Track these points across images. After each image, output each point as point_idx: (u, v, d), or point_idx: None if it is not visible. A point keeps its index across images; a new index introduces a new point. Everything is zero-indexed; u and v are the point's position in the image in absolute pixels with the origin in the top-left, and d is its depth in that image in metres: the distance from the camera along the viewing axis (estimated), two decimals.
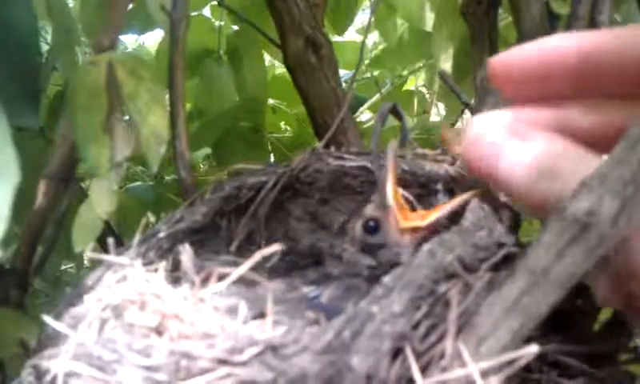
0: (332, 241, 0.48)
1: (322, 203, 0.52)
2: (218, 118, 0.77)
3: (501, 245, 0.38)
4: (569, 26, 0.46)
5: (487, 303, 0.31)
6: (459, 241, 0.36)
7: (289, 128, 1.00)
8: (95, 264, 0.38)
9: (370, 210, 0.44)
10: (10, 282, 0.47)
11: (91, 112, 0.40)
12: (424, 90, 1.13)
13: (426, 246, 0.35)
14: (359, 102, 0.93)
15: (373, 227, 0.43)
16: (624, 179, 0.27)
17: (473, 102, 0.56)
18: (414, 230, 0.42)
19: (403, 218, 0.42)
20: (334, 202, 0.52)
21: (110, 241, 0.38)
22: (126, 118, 0.41)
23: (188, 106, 0.98)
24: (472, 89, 0.57)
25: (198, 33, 0.82)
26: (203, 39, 0.81)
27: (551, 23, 0.49)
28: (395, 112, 0.52)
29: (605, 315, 0.41)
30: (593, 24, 0.46)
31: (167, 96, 0.48)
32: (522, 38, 0.49)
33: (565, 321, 0.38)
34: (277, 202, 0.50)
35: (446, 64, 0.64)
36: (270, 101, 0.94)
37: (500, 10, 0.59)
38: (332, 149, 0.50)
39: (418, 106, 1.11)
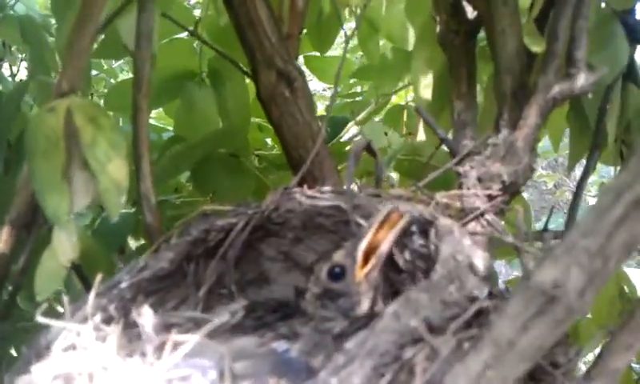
0: (306, 281, 0.47)
1: (295, 242, 0.50)
2: (198, 143, 0.75)
3: (472, 299, 0.37)
4: (545, 63, 0.45)
5: (452, 374, 0.29)
6: (426, 299, 0.34)
7: (275, 146, 0.99)
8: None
9: (338, 256, 0.43)
10: None
11: (49, 160, 0.38)
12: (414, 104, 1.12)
13: (391, 307, 0.33)
14: (341, 124, 0.91)
15: (337, 274, 0.42)
16: (591, 251, 0.26)
17: (450, 134, 0.54)
18: (367, 275, 0.41)
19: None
20: (307, 241, 0.50)
21: (65, 299, 0.37)
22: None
23: (170, 128, 0.97)
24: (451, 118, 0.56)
25: (179, 54, 0.81)
26: (183, 61, 0.80)
27: (528, 59, 0.48)
28: (369, 149, 0.50)
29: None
30: (570, 61, 0.45)
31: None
32: (499, 72, 0.48)
33: (540, 375, 0.37)
34: (248, 243, 0.48)
35: (426, 91, 0.62)
36: (257, 119, 0.93)
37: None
38: (305, 188, 0.49)
39: (408, 119, 1.10)
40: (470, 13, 0.56)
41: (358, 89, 1.15)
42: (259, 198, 0.77)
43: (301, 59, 1.04)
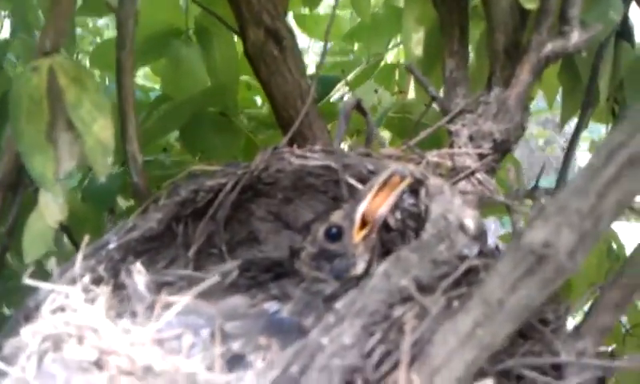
0: (296, 241, 0.47)
1: (285, 202, 0.50)
2: (186, 102, 0.74)
3: (462, 258, 0.37)
4: (538, 21, 0.44)
5: (441, 333, 0.29)
6: (416, 259, 0.34)
7: (265, 104, 0.97)
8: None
9: (336, 217, 0.43)
10: None
11: (33, 120, 0.38)
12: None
13: (381, 267, 0.33)
14: (331, 83, 0.90)
15: (334, 234, 0.42)
16: (582, 212, 0.26)
17: (442, 92, 0.54)
18: (365, 238, 0.41)
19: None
20: (297, 201, 0.50)
21: (53, 261, 0.36)
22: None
23: (156, 87, 0.95)
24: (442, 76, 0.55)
25: (164, 11, 0.79)
26: (169, 18, 0.78)
27: (521, 17, 0.47)
28: (359, 108, 0.50)
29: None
30: (563, 19, 0.44)
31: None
32: (492, 30, 0.47)
33: (529, 332, 0.38)
34: (237, 203, 0.48)
35: (417, 48, 0.61)
36: (246, 77, 0.91)
37: None
38: (294, 147, 0.48)
39: (400, 79, 1.09)
40: None
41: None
42: (249, 157, 0.77)
43: (290, 16, 1.03)
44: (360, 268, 0.41)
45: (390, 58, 1.08)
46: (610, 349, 0.40)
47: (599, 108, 0.69)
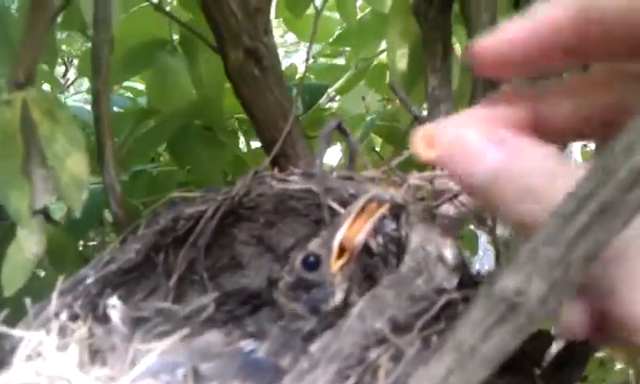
0: (279, 268, 0.46)
1: (267, 226, 0.50)
2: (172, 116, 0.74)
3: (440, 291, 0.37)
4: None
5: (415, 378, 0.29)
6: (392, 296, 0.34)
7: None
8: None
9: (313, 245, 0.43)
10: None
11: (7, 155, 0.37)
12: None
13: (356, 308, 0.33)
14: (318, 91, 0.89)
15: (312, 264, 0.42)
16: (552, 260, 0.26)
17: (425, 109, 0.53)
18: (343, 267, 0.41)
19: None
20: (279, 224, 0.50)
21: (28, 301, 0.36)
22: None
23: (142, 100, 0.95)
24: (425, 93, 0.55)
25: (149, 22, 0.78)
26: (153, 29, 0.78)
27: None
28: (340, 129, 0.49)
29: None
30: None
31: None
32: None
33: (508, 363, 0.38)
34: (219, 229, 0.47)
35: (401, 63, 0.61)
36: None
37: None
38: (275, 170, 0.48)
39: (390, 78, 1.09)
40: None
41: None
42: (237, 170, 0.77)
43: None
44: (338, 298, 0.41)
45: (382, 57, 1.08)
46: None
47: None
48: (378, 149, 1.01)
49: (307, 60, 0.62)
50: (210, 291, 0.46)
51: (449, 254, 0.39)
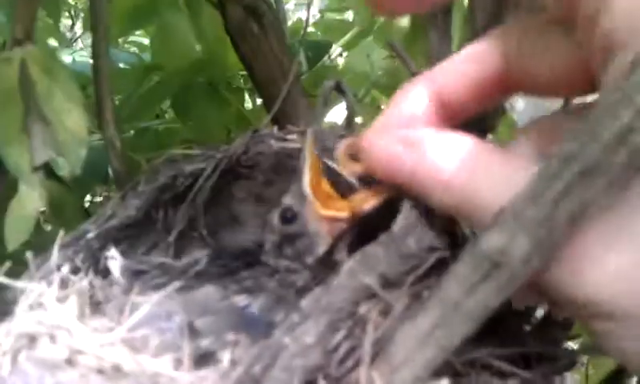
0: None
1: (266, 185, 0.50)
2: (176, 73, 0.74)
3: (431, 249, 0.37)
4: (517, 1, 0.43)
5: (402, 332, 0.30)
6: (383, 254, 0.35)
7: None
8: None
9: (287, 199, 0.43)
10: None
11: (6, 112, 0.38)
12: None
13: (347, 264, 0.34)
14: (322, 48, 0.89)
15: (289, 218, 0.42)
16: (537, 219, 0.26)
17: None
18: (334, 219, 0.41)
19: (327, 205, 0.41)
20: (278, 183, 0.50)
21: (29, 255, 0.37)
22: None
23: (147, 55, 0.95)
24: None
25: None
26: None
27: None
28: (339, 89, 0.49)
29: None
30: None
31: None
32: (472, 8, 0.47)
33: (497, 322, 0.38)
34: (218, 186, 0.48)
35: (403, 21, 0.60)
36: None
37: None
38: (274, 129, 0.48)
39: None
40: None
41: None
42: (240, 126, 0.77)
43: None
44: (321, 249, 0.41)
45: None
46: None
47: None
48: (383, 106, 1.01)
49: (307, 18, 0.62)
50: (209, 247, 0.47)
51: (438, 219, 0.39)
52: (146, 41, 1.04)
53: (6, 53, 0.38)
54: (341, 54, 1.15)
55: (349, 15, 1.17)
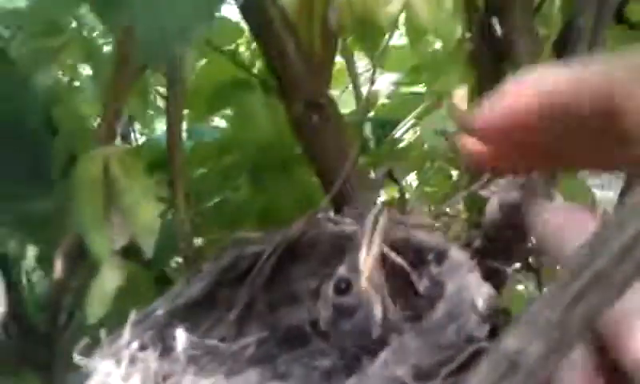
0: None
1: (322, 264, 0.53)
2: (251, 153, 0.80)
3: (470, 340, 0.38)
4: None
5: None
6: (419, 344, 0.36)
7: None
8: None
9: (341, 270, 0.46)
10: (37, 344, 0.52)
11: (91, 204, 0.43)
12: None
13: (382, 354, 0.36)
14: (389, 124, 0.92)
15: (343, 288, 0.44)
16: (551, 322, 0.28)
17: None
18: (369, 279, 0.43)
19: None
20: (333, 263, 0.53)
21: (102, 332, 0.42)
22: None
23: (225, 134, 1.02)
24: None
25: (230, 64, 0.84)
26: (234, 70, 0.84)
27: None
28: (390, 176, 0.52)
29: None
30: None
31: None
32: None
33: None
34: (278, 266, 0.52)
35: (462, 104, 0.63)
36: None
37: None
38: (331, 213, 0.52)
39: None
40: (500, 32, 0.56)
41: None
42: (304, 206, 0.81)
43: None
44: (378, 312, 0.43)
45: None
46: None
47: None
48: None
49: (367, 98, 0.65)
50: (268, 325, 0.50)
51: (482, 301, 0.41)
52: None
53: (92, 152, 0.44)
54: (415, 126, 1.18)
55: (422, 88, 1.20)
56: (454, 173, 1.00)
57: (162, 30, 0.32)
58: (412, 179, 1.00)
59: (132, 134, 1.17)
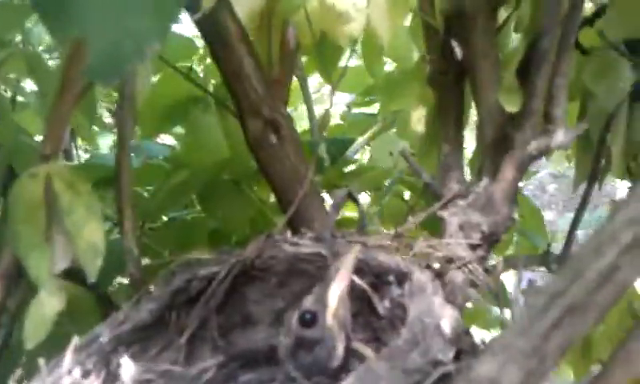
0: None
1: (278, 287, 0.51)
2: (203, 169, 0.77)
3: (436, 364, 0.37)
4: (523, 119, 0.45)
5: None
6: (386, 368, 0.35)
7: None
8: None
9: (308, 302, 0.44)
10: None
11: (31, 224, 0.40)
12: None
13: (350, 379, 0.34)
14: (343, 145, 0.92)
15: (309, 320, 0.43)
16: (526, 352, 0.27)
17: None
18: (335, 316, 0.42)
19: None
20: (291, 285, 0.51)
21: (41, 361, 0.38)
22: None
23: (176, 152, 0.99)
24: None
25: (183, 81, 0.82)
26: (188, 87, 0.81)
27: (510, 113, 0.47)
28: (351, 197, 0.51)
29: None
30: (547, 118, 0.45)
31: None
32: (481, 123, 0.48)
33: None
34: (232, 288, 0.49)
35: (419, 126, 0.62)
36: None
37: None
38: (287, 234, 0.50)
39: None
40: (460, 54, 0.55)
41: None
42: (258, 225, 0.79)
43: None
44: (340, 351, 0.41)
45: None
46: None
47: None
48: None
49: (325, 116, 0.64)
50: (220, 349, 0.48)
51: (447, 324, 0.39)
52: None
53: (32, 169, 0.41)
54: (368, 145, 1.17)
55: (375, 109, 1.20)
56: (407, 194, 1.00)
57: (116, 45, 0.30)
58: (364, 200, 0.99)
59: (74, 151, 1.12)
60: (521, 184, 0.50)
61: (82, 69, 0.40)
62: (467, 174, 0.56)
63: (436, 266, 0.48)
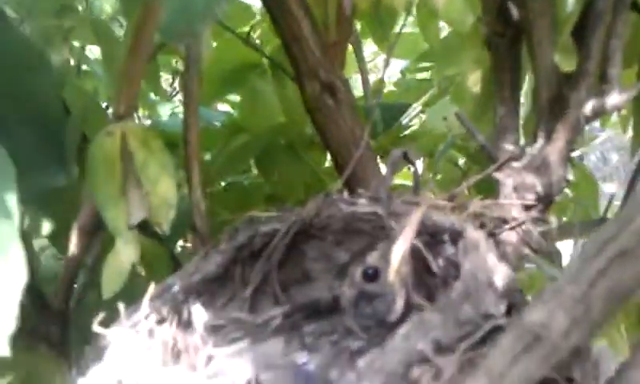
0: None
1: (335, 245, 0.53)
2: (261, 135, 0.80)
3: (488, 317, 0.39)
4: (578, 80, 0.45)
5: None
6: (439, 319, 0.37)
7: None
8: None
9: (372, 258, 0.46)
10: (50, 320, 0.52)
11: (108, 179, 0.43)
12: None
13: (402, 329, 0.36)
14: (397, 110, 0.92)
15: (371, 275, 0.45)
16: (575, 297, 0.28)
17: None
18: (397, 273, 0.43)
19: None
20: (347, 243, 0.53)
21: (121, 306, 0.42)
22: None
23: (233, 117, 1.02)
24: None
25: (240, 47, 0.84)
26: (245, 53, 0.84)
27: (565, 74, 0.47)
28: (407, 158, 0.52)
29: None
30: (603, 78, 0.45)
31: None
32: (537, 85, 0.48)
33: None
34: (291, 245, 0.52)
35: (475, 87, 0.63)
36: None
37: None
38: (344, 193, 0.52)
39: None
40: (516, 16, 0.55)
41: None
42: (312, 190, 0.82)
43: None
44: (399, 305, 0.43)
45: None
46: None
47: None
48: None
49: (381, 80, 0.66)
50: (281, 303, 0.50)
51: (499, 280, 0.41)
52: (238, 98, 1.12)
53: (109, 127, 0.44)
54: (422, 113, 1.18)
55: (429, 75, 1.20)
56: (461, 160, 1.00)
57: (188, 5, 0.32)
58: (419, 165, 1.00)
59: (136, 120, 1.17)
60: (581, 153, 0.50)
61: (153, 30, 0.42)
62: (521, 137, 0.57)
63: (490, 225, 0.49)
